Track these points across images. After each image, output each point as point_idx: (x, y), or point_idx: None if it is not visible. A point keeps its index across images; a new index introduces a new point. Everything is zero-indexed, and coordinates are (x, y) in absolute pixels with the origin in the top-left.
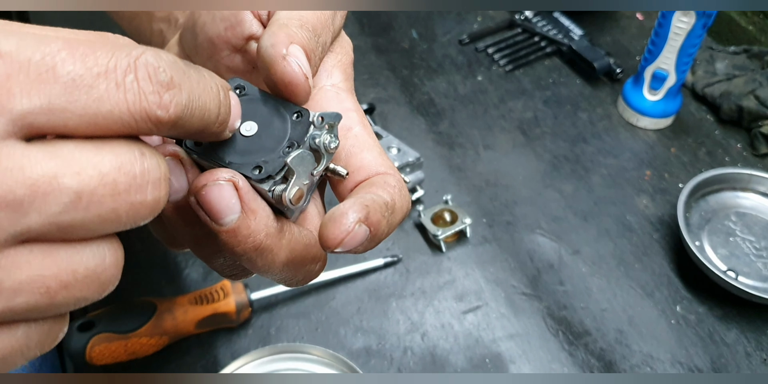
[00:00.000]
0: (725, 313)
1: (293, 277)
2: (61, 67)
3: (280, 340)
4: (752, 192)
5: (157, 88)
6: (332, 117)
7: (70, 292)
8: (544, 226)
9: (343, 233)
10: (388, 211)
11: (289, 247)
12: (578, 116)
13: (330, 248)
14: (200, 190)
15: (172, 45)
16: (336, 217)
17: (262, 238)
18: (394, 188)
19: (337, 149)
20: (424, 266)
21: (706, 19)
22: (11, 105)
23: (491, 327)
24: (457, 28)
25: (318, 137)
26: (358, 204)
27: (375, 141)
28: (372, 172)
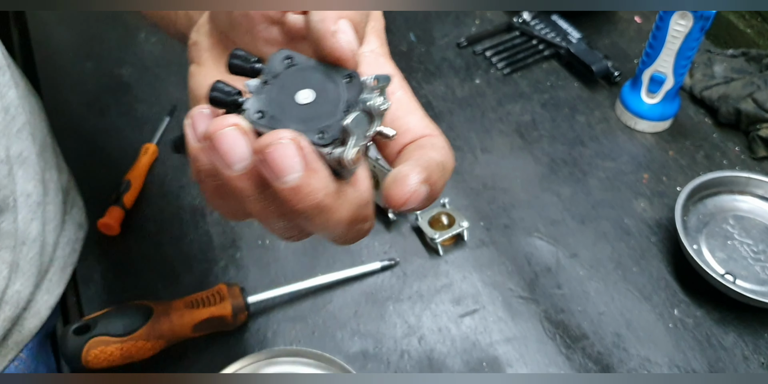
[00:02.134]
0: (723, 316)
1: (345, 235)
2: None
3: (277, 343)
4: (750, 195)
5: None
6: (384, 79)
7: None
8: (542, 229)
9: (408, 194)
10: (443, 170)
11: (344, 206)
12: (576, 119)
13: (396, 207)
14: (265, 148)
15: (203, 24)
16: (400, 179)
17: (321, 196)
18: (442, 149)
19: (387, 110)
20: (422, 270)
21: (703, 22)
22: None
23: (488, 330)
24: (455, 31)
25: (370, 99)
26: (418, 166)
27: (417, 104)
28: (418, 134)
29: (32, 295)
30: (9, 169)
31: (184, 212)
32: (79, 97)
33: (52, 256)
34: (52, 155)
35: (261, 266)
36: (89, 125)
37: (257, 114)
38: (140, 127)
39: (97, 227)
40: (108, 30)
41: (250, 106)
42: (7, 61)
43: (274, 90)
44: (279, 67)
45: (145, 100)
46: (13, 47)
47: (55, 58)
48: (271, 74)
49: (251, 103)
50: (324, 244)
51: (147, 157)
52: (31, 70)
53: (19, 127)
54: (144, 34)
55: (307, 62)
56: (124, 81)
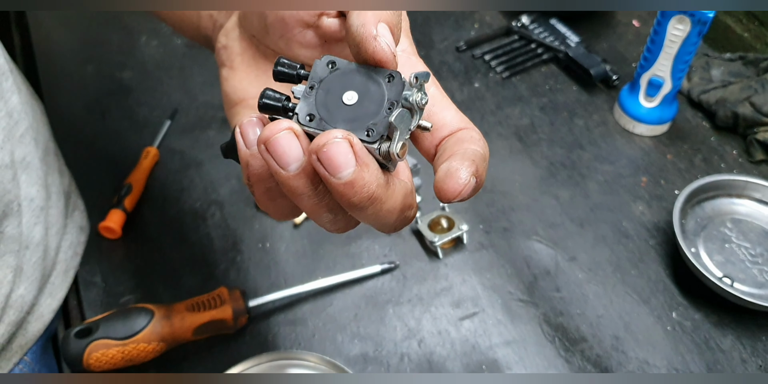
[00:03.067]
0: (721, 319)
1: (393, 223)
2: None
3: (277, 346)
4: (748, 199)
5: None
6: (423, 76)
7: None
8: (541, 232)
9: (460, 186)
10: (485, 162)
11: (393, 196)
12: (575, 123)
13: (449, 200)
14: (321, 148)
15: (231, 28)
16: (452, 173)
17: (374, 188)
18: (480, 141)
19: (426, 104)
20: (421, 273)
21: (701, 26)
22: None
23: (488, 333)
24: (454, 34)
25: (410, 96)
26: (467, 159)
27: (449, 99)
28: (454, 127)
29: (36, 298)
30: (13, 174)
31: (185, 215)
32: (80, 101)
33: (55, 260)
34: (54, 159)
35: (262, 269)
36: (90, 128)
37: (307, 117)
38: (141, 131)
39: (98, 230)
40: (109, 33)
41: (300, 110)
42: (9, 65)
43: (321, 94)
44: (323, 72)
45: (146, 103)
46: (14, 51)
47: (57, 62)
48: (316, 79)
49: (300, 107)
50: (324, 247)
51: (148, 161)
52: (33, 73)
53: (22, 132)
54: (145, 37)
55: (349, 66)
56: (125, 84)
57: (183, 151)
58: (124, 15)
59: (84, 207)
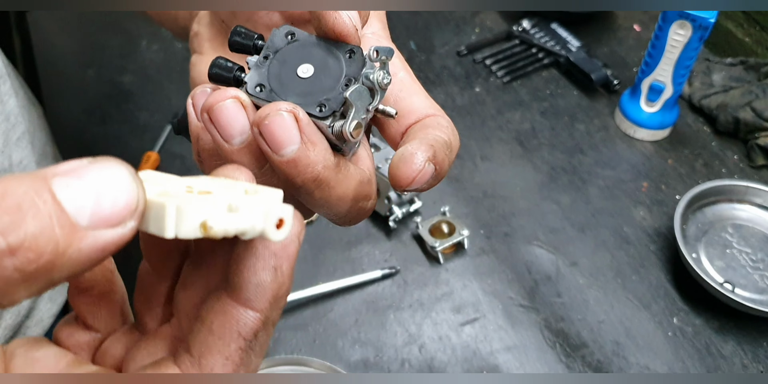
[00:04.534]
0: (722, 325)
1: (347, 213)
2: None
3: (278, 352)
4: (749, 204)
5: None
6: (386, 51)
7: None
8: (542, 237)
9: (414, 172)
10: (449, 150)
11: (345, 181)
12: (575, 127)
13: (402, 187)
14: (263, 120)
15: (204, 15)
16: (407, 157)
17: (320, 169)
18: (447, 128)
19: (389, 85)
20: (422, 278)
21: (702, 31)
22: None
23: (489, 339)
24: (455, 39)
25: (372, 74)
26: (424, 144)
27: (419, 85)
28: (422, 114)
29: (34, 302)
30: None
31: None
32: (80, 105)
33: None
34: (52, 163)
35: None
36: (90, 133)
37: (257, 87)
38: (141, 135)
39: None
40: (109, 38)
41: (249, 79)
42: (7, 69)
43: (275, 64)
44: (280, 42)
45: (147, 107)
46: (14, 55)
47: (57, 66)
48: (272, 49)
49: (251, 77)
50: (325, 252)
51: (148, 165)
52: (33, 77)
53: (19, 136)
54: (145, 42)
55: (309, 38)
56: (126, 89)
57: (184, 155)
58: (124, 19)
59: None
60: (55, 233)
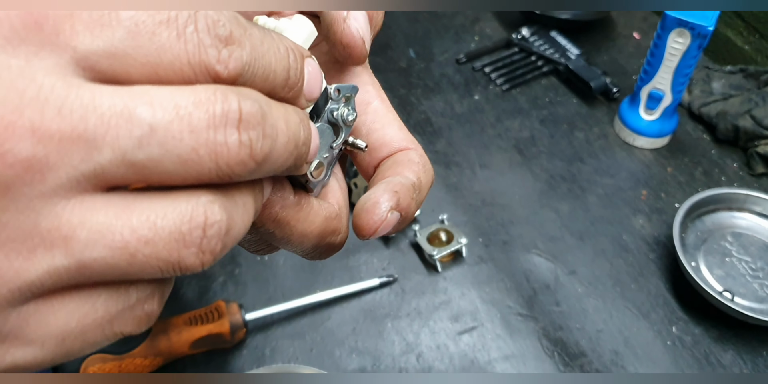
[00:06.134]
0: (721, 334)
1: (313, 249)
2: (123, 11)
3: (275, 360)
4: (748, 212)
5: (215, 42)
6: (348, 89)
7: (153, 249)
8: (541, 246)
9: (377, 223)
10: (416, 192)
11: (308, 219)
12: (575, 135)
13: (365, 236)
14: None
15: None
16: (369, 208)
17: (277, 210)
18: (418, 165)
19: (354, 122)
20: (420, 286)
21: (701, 40)
22: (75, 42)
23: (487, 348)
24: (454, 47)
25: (336, 110)
26: (388, 191)
27: (394, 115)
28: (394, 148)
29: None
30: None
31: None
32: None
33: None
34: None
35: (260, 282)
36: None
37: None
38: None
39: None
40: None
41: None
42: None
43: None
44: None
45: None
46: None
47: None
48: None
49: None
50: (322, 261)
51: None
52: None
53: None
54: None
55: None
56: None
57: None
58: None
59: None
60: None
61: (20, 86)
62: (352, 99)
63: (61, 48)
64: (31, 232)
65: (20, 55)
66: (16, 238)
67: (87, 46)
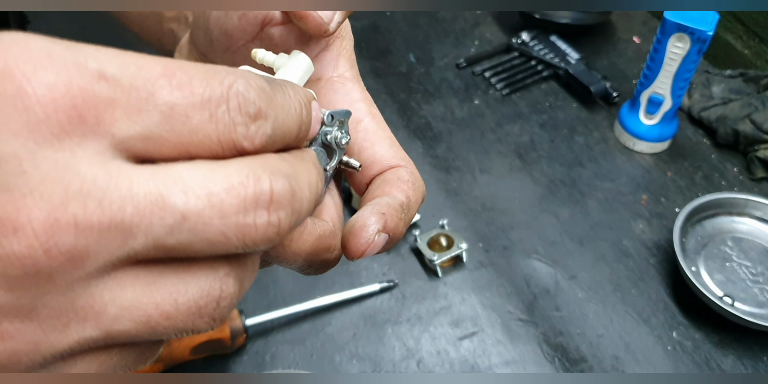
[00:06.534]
0: (722, 339)
1: (308, 266)
2: (159, 94)
3: (275, 366)
4: (748, 217)
5: (245, 120)
6: (341, 114)
7: (172, 322)
8: (541, 250)
9: (364, 245)
10: (404, 212)
11: (300, 238)
12: (575, 140)
13: (353, 259)
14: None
15: (183, 44)
16: (356, 231)
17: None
18: (407, 183)
19: (348, 144)
20: (420, 291)
21: (701, 44)
22: (114, 129)
23: (487, 353)
24: (454, 52)
25: (329, 133)
26: (375, 213)
27: (385, 131)
28: (385, 165)
29: None
30: None
31: None
32: None
33: None
34: None
35: (260, 287)
36: None
37: None
38: None
39: None
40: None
41: None
42: None
43: None
44: None
45: None
46: None
47: None
48: None
49: None
50: None
51: None
52: None
53: None
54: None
55: None
56: None
57: None
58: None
59: None
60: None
61: (66, 180)
62: (345, 123)
63: (102, 135)
64: (68, 310)
65: (66, 148)
66: (53, 315)
67: (125, 132)
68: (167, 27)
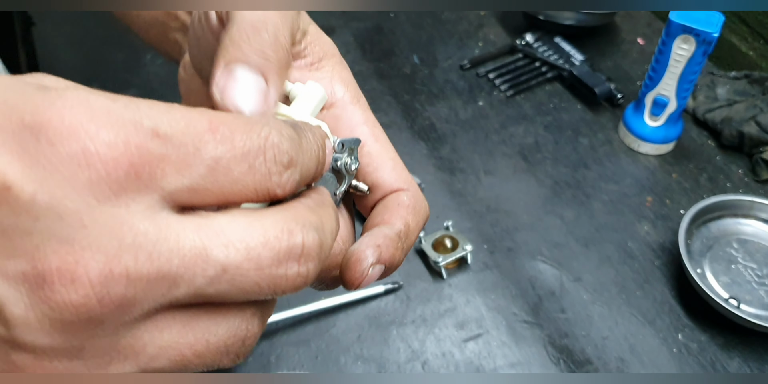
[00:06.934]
0: (727, 341)
1: (321, 282)
2: (206, 149)
3: (280, 368)
4: (754, 219)
5: (279, 169)
6: (351, 142)
7: (202, 360)
8: (546, 252)
9: (359, 279)
10: (402, 240)
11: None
12: (579, 142)
13: (351, 289)
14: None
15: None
16: (352, 265)
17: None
18: (407, 208)
19: (357, 170)
20: (425, 293)
21: (706, 46)
22: (164, 183)
23: (492, 355)
24: (458, 53)
25: (339, 160)
26: (371, 246)
27: (388, 152)
28: (387, 189)
29: None
30: None
31: None
32: None
33: None
34: None
35: None
36: None
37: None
38: None
39: None
40: (114, 51)
41: None
42: None
43: None
44: None
45: None
46: (20, 69)
47: None
48: None
49: None
50: None
51: None
52: None
53: None
54: (150, 55)
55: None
56: None
57: None
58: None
59: None
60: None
61: (120, 234)
62: (355, 150)
63: (153, 189)
64: (111, 349)
65: (121, 203)
66: (98, 355)
67: (173, 185)
68: (172, 37)
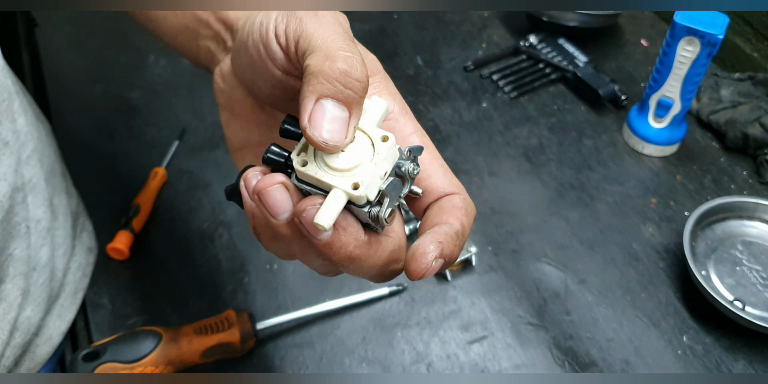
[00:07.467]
0: (732, 343)
1: (380, 275)
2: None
3: (285, 370)
4: (759, 221)
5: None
6: (416, 150)
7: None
8: (550, 254)
9: (423, 269)
10: (459, 238)
11: (375, 254)
12: (583, 143)
13: (415, 279)
14: (301, 213)
15: (227, 72)
16: (417, 257)
17: (351, 249)
18: (461, 210)
19: (418, 175)
20: (430, 295)
21: (711, 48)
22: None
23: (497, 358)
24: (461, 54)
25: (403, 165)
26: (434, 242)
27: (438, 160)
28: (439, 194)
29: (43, 320)
30: (23, 196)
31: (193, 236)
32: (88, 121)
33: (63, 282)
34: (60, 180)
35: (269, 291)
36: (98, 149)
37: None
38: (149, 151)
39: (106, 252)
40: (117, 53)
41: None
42: (16, 87)
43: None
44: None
45: (155, 123)
46: (23, 71)
47: (65, 82)
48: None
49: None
50: None
51: (156, 181)
52: (42, 94)
53: (29, 154)
54: (153, 57)
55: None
56: (134, 104)
57: (191, 171)
58: (131, 34)
59: (92, 228)
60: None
61: None
62: (417, 157)
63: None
64: None
65: None
66: None
67: None
68: (203, 44)
